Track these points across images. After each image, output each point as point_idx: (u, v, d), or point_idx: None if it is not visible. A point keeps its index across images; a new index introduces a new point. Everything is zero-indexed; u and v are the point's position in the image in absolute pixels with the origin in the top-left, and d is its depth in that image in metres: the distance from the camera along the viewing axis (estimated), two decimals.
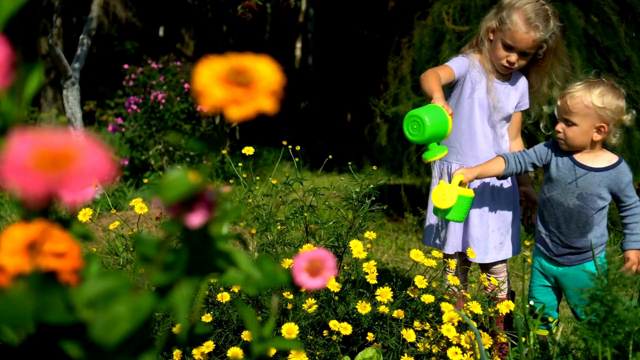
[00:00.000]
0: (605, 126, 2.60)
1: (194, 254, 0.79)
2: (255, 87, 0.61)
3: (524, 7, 2.75)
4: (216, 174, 7.28)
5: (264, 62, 0.63)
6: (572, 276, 2.74)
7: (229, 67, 0.62)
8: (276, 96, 0.62)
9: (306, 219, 2.67)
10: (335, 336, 2.39)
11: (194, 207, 0.70)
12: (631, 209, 2.67)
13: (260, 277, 0.90)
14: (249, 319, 1.01)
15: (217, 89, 0.60)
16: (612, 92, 2.60)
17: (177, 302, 0.73)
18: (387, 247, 5.12)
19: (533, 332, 2.34)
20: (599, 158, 2.68)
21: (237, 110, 0.60)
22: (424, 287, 2.46)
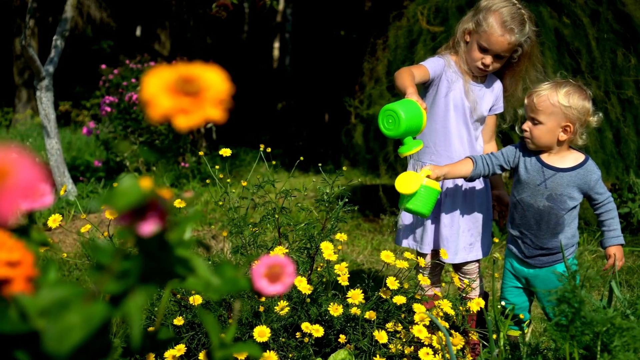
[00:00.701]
0: (571, 126, 2.61)
1: (150, 261, 0.79)
2: (203, 96, 0.61)
3: (500, 10, 2.76)
4: (192, 175, 7.25)
5: (213, 71, 0.63)
6: (542, 278, 2.76)
7: (177, 76, 0.62)
8: (224, 105, 0.62)
9: (278, 221, 2.67)
10: (307, 338, 2.39)
11: (146, 215, 0.70)
12: (604, 205, 2.68)
13: (219, 283, 0.90)
14: (210, 325, 1.00)
15: (165, 99, 0.60)
16: (578, 93, 2.62)
17: (131, 311, 0.73)
18: (363, 247, 5.13)
19: (503, 333, 2.36)
20: (566, 158, 2.70)
21: (184, 120, 0.60)
22: (396, 288, 2.47)
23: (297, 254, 2.65)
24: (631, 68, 4.84)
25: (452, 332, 2.55)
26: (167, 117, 0.61)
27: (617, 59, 4.85)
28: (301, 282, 2.43)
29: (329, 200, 2.67)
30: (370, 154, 5.90)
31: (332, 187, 2.68)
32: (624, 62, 4.84)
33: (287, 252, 2.60)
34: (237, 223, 2.70)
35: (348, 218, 5.83)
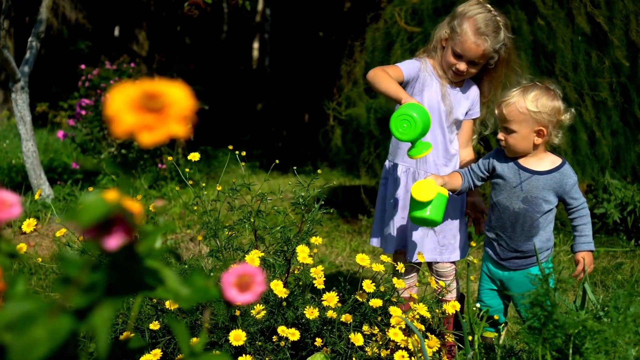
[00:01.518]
0: (543, 129, 2.63)
1: (119, 273, 0.79)
2: (167, 112, 0.62)
3: (475, 17, 2.77)
4: (171, 177, 7.22)
5: (177, 88, 0.63)
6: (516, 280, 2.78)
7: (142, 92, 0.62)
8: (188, 121, 0.63)
9: (254, 224, 2.67)
10: (283, 342, 2.39)
11: (112, 229, 0.70)
12: (578, 210, 2.70)
13: (188, 293, 0.90)
14: (180, 334, 1.01)
15: (129, 115, 0.60)
16: (546, 95, 2.63)
17: (98, 325, 0.73)
18: (342, 249, 5.14)
19: (478, 335, 2.37)
20: (543, 161, 2.72)
21: (148, 136, 0.61)
22: (372, 291, 2.48)
23: (273, 257, 2.65)
24: (605, 70, 4.89)
25: (428, 334, 2.56)
26: (131, 133, 0.61)
27: (592, 61, 4.89)
28: (277, 285, 2.44)
29: (305, 203, 2.67)
30: (349, 155, 5.91)
31: (308, 189, 2.68)
32: (598, 64, 4.89)
33: (264, 255, 2.60)
34: (212, 227, 2.70)
35: (326, 220, 5.85)
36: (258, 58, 15.25)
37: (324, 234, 5.59)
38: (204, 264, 2.85)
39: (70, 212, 0.67)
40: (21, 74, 5.87)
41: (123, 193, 0.71)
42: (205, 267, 2.91)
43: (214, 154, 9.11)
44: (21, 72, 5.88)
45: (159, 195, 6.77)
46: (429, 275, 2.86)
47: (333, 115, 5.80)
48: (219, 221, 2.73)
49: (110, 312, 0.75)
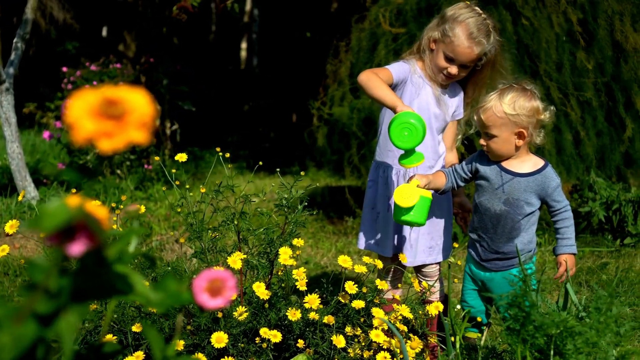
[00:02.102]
0: (524, 131, 2.63)
1: (86, 278, 0.79)
2: (127, 119, 0.62)
3: (467, 21, 2.78)
4: (157, 178, 7.21)
5: (138, 94, 0.63)
6: (497, 282, 2.78)
7: (102, 99, 0.62)
8: (148, 128, 0.62)
9: (238, 226, 2.67)
10: (265, 344, 2.39)
11: (75, 235, 0.70)
12: (561, 213, 2.70)
13: (158, 298, 0.90)
14: (153, 340, 1.01)
15: (88, 122, 0.60)
16: (522, 96, 2.63)
17: (63, 330, 0.73)
18: (327, 249, 5.14)
19: (459, 336, 2.38)
20: (525, 163, 2.72)
21: (108, 143, 0.61)
22: (355, 292, 2.48)
23: (257, 258, 2.65)
24: (590, 70, 4.91)
25: (411, 335, 2.57)
26: (91, 141, 0.61)
27: (577, 61, 4.91)
28: (259, 287, 2.44)
29: (288, 205, 2.67)
30: (335, 156, 5.91)
31: (291, 191, 2.68)
32: (583, 65, 4.91)
33: (247, 257, 2.60)
34: (196, 229, 2.70)
35: (312, 220, 5.85)
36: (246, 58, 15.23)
37: (310, 235, 5.59)
38: (186, 266, 2.84)
39: (31, 219, 0.67)
40: (6, 76, 5.84)
41: (86, 199, 0.71)
42: (189, 269, 2.91)
43: (201, 155, 9.10)
44: (6, 73, 5.85)
45: (145, 196, 6.75)
46: (412, 276, 2.86)
47: (318, 115, 5.80)
48: (203, 223, 2.72)
49: (76, 317, 0.75)
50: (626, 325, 2.12)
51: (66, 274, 0.77)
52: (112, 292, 0.86)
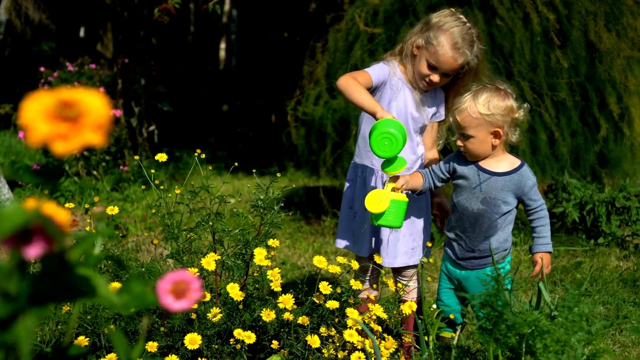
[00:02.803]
0: (499, 130, 2.66)
1: (46, 281, 0.78)
2: (82, 121, 0.61)
3: (451, 30, 2.78)
4: (134, 179, 7.17)
5: (94, 96, 0.63)
6: (473, 280, 2.80)
7: (57, 101, 0.62)
8: (104, 130, 0.62)
9: (213, 227, 2.66)
10: (239, 345, 2.39)
11: (32, 238, 0.69)
12: (537, 212, 2.73)
13: (122, 301, 0.90)
14: (117, 342, 1.00)
15: (43, 124, 0.60)
16: (496, 96, 2.66)
17: (20, 335, 0.72)
18: (304, 250, 5.14)
19: (432, 336, 2.39)
20: (502, 162, 2.75)
21: (62, 145, 0.60)
22: (329, 292, 2.49)
23: (232, 259, 2.64)
24: (564, 70, 4.94)
25: (385, 335, 2.58)
26: (46, 143, 0.61)
27: (551, 61, 4.94)
28: (233, 288, 2.43)
29: (263, 206, 2.67)
30: (313, 156, 5.91)
31: (267, 192, 2.68)
32: (557, 65, 4.94)
33: (222, 258, 2.59)
34: (171, 230, 2.69)
35: (289, 221, 5.84)
36: (225, 59, 15.19)
37: (287, 235, 5.59)
38: (162, 267, 2.83)
39: None
40: None
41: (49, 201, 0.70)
42: (163, 270, 2.89)
43: (179, 156, 9.06)
44: None
45: (122, 197, 6.71)
46: (386, 276, 2.87)
47: (295, 115, 5.80)
48: (178, 224, 2.72)
49: (34, 321, 0.75)
50: (597, 324, 2.14)
51: (25, 277, 0.76)
52: (75, 295, 0.86)
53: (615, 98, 5.02)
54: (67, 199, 6.53)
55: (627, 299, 3.90)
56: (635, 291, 4.07)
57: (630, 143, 5.29)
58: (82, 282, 0.85)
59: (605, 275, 4.35)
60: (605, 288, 4.08)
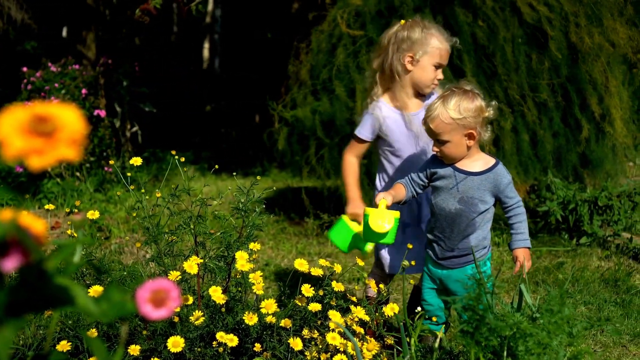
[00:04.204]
0: (472, 132, 2.73)
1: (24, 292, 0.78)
2: (57, 136, 0.62)
3: (431, 30, 3.04)
4: (117, 180, 7.15)
5: (68, 111, 0.63)
6: (454, 278, 2.83)
7: (32, 116, 0.62)
8: (79, 144, 0.63)
9: (194, 230, 2.66)
10: (221, 348, 2.39)
11: (8, 251, 0.69)
12: (514, 209, 2.78)
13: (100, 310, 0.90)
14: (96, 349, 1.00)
15: (18, 139, 0.60)
16: (465, 98, 2.72)
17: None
18: (288, 251, 5.14)
19: (414, 338, 2.40)
20: (477, 162, 2.81)
21: (38, 160, 0.61)
22: (311, 295, 2.49)
23: (214, 262, 2.64)
24: (545, 71, 4.97)
25: (368, 337, 2.58)
26: (21, 158, 0.61)
27: (532, 62, 4.97)
28: (216, 291, 2.44)
29: (245, 209, 2.67)
30: (297, 157, 5.91)
31: (248, 194, 2.68)
32: (539, 65, 4.97)
33: (204, 261, 2.59)
34: (152, 233, 2.68)
35: (272, 222, 5.84)
36: (209, 59, 15.15)
37: (271, 237, 5.59)
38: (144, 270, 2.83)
39: None
40: None
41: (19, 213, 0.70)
42: (146, 273, 2.89)
43: (162, 156, 9.03)
44: None
45: (105, 198, 6.69)
46: (367, 278, 2.88)
47: (279, 117, 5.80)
48: (160, 226, 2.71)
49: (11, 332, 0.75)
50: (578, 325, 2.16)
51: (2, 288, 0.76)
52: (53, 305, 0.86)
53: (597, 99, 5.05)
54: (50, 200, 6.50)
55: (608, 299, 3.93)
56: (616, 291, 4.10)
57: (612, 143, 5.33)
58: (60, 291, 0.85)
59: (586, 275, 4.38)
60: (586, 288, 4.11)
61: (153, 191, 6.56)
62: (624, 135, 5.16)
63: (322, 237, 5.58)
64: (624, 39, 5.03)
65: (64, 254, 0.92)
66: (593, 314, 3.71)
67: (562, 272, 4.50)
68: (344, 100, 5.13)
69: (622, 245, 5.05)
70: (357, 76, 5.11)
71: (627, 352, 3.24)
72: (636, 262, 4.78)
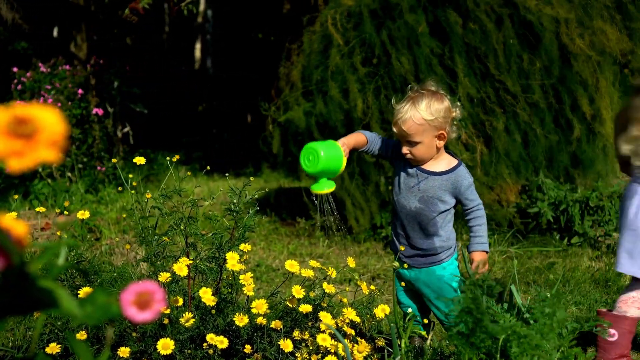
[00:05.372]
0: (443, 132, 2.74)
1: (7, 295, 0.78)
2: (37, 138, 0.61)
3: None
4: (109, 181, 7.13)
5: (49, 112, 0.63)
6: (424, 281, 2.85)
7: (12, 117, 0.61)
8: (59, 146, 0.62)
9: (186, 231, 2.65)
10: (211, 350, 2.38)
11: None
12: (473, 211, 2.80)
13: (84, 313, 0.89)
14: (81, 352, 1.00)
15: None
16: (435, 99, 2.72)
17: None
18: (279, 252, 5.14)
19: (405, 340, 2.40)
20: (439, 162, 2.82)
21: (17, 162, 0.60)
22: (301, 296, 2.49)
23: (205, 263, 2.63)
24: (536, 72, 4.98)
25: (358, 339, 2.58)
26: (0, 159, 0.60)
27: (524, 63, 4.98)
28: (206, 293, 2.43)
29: (236, 210, 2.67)
30: (290, 158, 5.91)
31: (240, 195, 2.67)
32: (530, 66, 4.97)
33: (195, 262, 2.58)
34: (143, 234, 2.67)
35: (264, 222, 5.83)
36: (200, 59, 15.14)
37: (262, 237, 5.58)
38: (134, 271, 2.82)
39: None
40: None
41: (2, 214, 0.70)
42: (136, 274, 2.88)
43: (154, 157, 9.02)
44: None
45: (96, 199, 6.67)
46: (358, 279, 2.88)
47: (272, 120, 5.79)
48: (152, 228, 2.70)
49: None
50: (568, 326, 2.17)
51: None
52: (36, 308, 0.85)
53: (587, 99, 5.06)
54: (41, 201, 6.48)
55: (599, 299, 3.94)
56: (607, 291, 4.11)
57: (603, 144, 5.34)
58: (43, 294, 0.84)
59: (577, 275, 4.39)
60: (577, 288, 4.11)
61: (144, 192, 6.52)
62: None
63: (313, 237, 5.58)
64: (613, 41, 5.04)
65: (48, 256, 0.91)
66: (584, 314, 3.71)
67: (553, 273, 4.51)
68: (338, 101, 5.13)
69: (613, 245, 5.06)
70: (350, 76, 5.11)
71: None
72: None
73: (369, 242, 5.36)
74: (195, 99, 14.00)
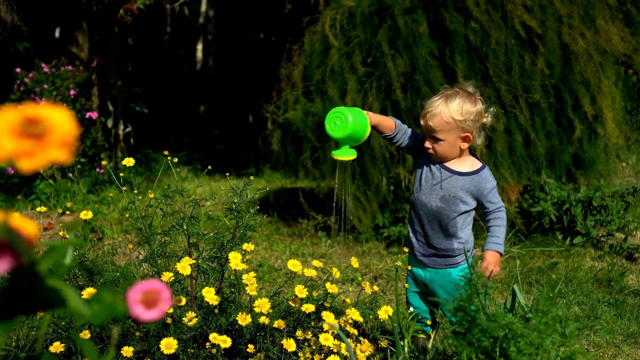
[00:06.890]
0: (469, 135, 2.71)
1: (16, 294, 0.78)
2: (48, 138, 0.61)
3: None
4: (110, 181, 7.13)
5: (59, 113, 0.63)
6: (439, 283, 2.83)
7: (22, 117, 0.62)
8: (70, 147, 0.62)
9: (187, 231, 2.65)
10: (214, 349, 2.38)
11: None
12: (493, 213, 2.77)
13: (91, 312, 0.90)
14: (87, 351, 1.00)
15: (8, 141, 0.60)
16: (468, 101, 2.70)
17: None
18: (281, 252, 5.14)
19: (407, 340, 2.40)
20: (464, 163, 2.80)
21: (28, 163, 0.60)
22: (304, 296, 2.49)
23: (207, 263, 2.64)
24: (537, 72, 4.98)
25: (361, 338, 2.58)
26: (11, 160, 0.60)
27: (525, 63, 4.97)
28: (209, 292, 2.43)
29: (238, 210, 2.67)
30: (291, 157, 5.91)
31: (241, 195, 2.68)
32: (531, 67, 4.97)
33: (198, 262, 2.59)
34: (145, 234, 2.68)
35: (266, 222, 5.83)
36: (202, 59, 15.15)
37: (264, 237, 5.58)
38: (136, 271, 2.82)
39: None
40: None
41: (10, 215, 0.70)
42: (138, 274, 2.89)
43: (154, 157, 9.01)
44: None
45: (98, 199, 6.67)
46: (362, 280, 2.88)
47: (272, 119, 5.79)
48: (153, 228, 2.70)
49: (2, 334, 0.74)
50: (571, 326, 2.16)
51: None
52: (44, 307, 0.85)
53: (589, 99, 5.06)
54: (43, 201, 6.48)
55: (601, 299, 3.94)
56: (609, 291, 4.11)
57: (604, 144, 5.33)
58: (51, 293, 0.84)
59: (580, 275, 4.39)
60: (580, 288, 4.11)
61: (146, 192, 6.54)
62: (616, 136, 5.16)
63: (315, 237, 5.58)
64: (615, 40, 5.04)
65: (56, 255, 0.91)
66: (586, 314, 3.72)
67: (555, 272, 4.51)
68: (336, 101, 5.13)
69: (616, 245, 5.06)
70: (350, 77, 5.11)
71: (620, 352, 3.25)
72: (629, 262, 4.80)
73: (371, 242, 5.36)
74: (197, 99, 14.01)
